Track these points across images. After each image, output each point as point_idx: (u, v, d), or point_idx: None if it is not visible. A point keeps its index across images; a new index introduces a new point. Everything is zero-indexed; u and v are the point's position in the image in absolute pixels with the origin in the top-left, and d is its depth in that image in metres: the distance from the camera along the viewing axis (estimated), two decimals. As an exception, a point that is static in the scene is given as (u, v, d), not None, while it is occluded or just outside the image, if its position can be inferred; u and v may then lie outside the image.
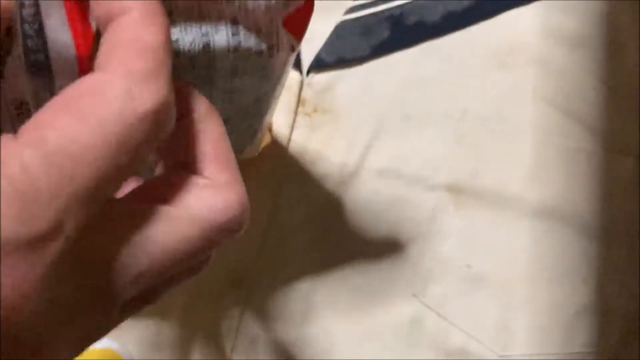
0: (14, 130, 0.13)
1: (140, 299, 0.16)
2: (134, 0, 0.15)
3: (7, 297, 0.12)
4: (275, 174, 0.34)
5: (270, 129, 0.32)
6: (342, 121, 0.34)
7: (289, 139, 0.33)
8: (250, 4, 0.17)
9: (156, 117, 0.14)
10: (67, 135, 0.13)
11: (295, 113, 0.33)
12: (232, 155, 0.17)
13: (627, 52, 0.34)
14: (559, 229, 0.33)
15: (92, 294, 0.14)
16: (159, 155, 0.17)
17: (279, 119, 0.33)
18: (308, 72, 0.33)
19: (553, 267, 0.33)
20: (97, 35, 0.16)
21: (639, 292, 0.34)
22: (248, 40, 0.18)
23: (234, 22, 0.18)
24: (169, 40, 0.15)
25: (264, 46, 0.19)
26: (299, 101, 0.33)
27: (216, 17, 0.17)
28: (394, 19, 0.33)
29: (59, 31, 0.15)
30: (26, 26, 0.15)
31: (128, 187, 0.16)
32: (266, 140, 0.32)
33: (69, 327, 0.13)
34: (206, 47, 0.18)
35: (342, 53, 0.33)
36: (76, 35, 0.16)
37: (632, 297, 0.34)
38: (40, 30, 0.15)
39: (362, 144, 0.33)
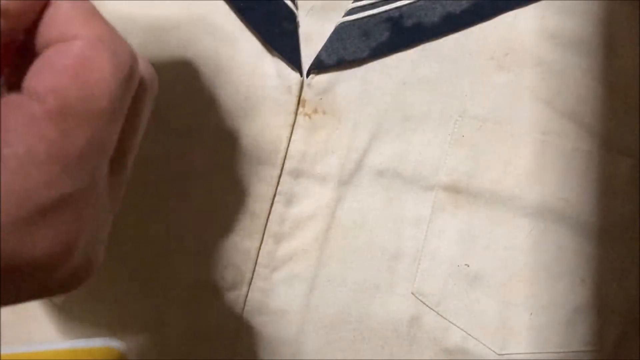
0: None
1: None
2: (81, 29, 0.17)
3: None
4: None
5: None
6: (342, 122, 0.34)
7: (289, 140, 0.34)
8: None
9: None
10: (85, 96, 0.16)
11: (295, 114, 0.34)
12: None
13: (626, 53, 0.34)
14: (557, 228, 0.33)
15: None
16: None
17: (279, 120, 0.34)
18: (308, 73, 0.34)
19: (551, 266, 0.33)
20: None
21: (637, 291, 0.34)
22: None
23: None
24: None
25: None
26: (299, 102, 0.34)
27: None
28: (393, 20, 0.33)
29: None
30: None
31: None
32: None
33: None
34: None
35: (342, 54, 0.33)
36: None
37: (630, 296, 0.34)
38: None
39: (361, 144, 0.34)
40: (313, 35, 0.34)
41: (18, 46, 0.17)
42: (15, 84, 0.17)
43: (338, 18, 0.34)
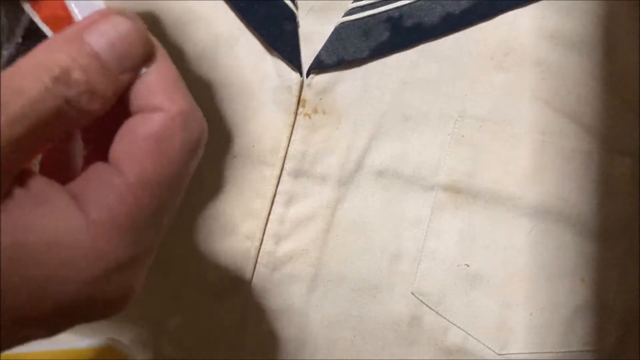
0: None
1: None
2: (169, 103, 0.18)
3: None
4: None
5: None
6: (342, 122, 0.34)
7: (289, 140, 0.34)
8: None
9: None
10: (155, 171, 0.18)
11: (296, 114, 0.34)
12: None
13: (626, 53, 0.34)
14: (557, 228, 0.33)
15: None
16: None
17: (279, 120, 0.34)
18: (308, 73, 0.34)
19: (551, 266, 0.33)
20: None
21: (637, 290, 0.34)
22: None
23: None
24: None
25: None
26: (299, 102, 0.34)
27: None
28: (393, 20, 0.33)
29: None
30: None
31: None
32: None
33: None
34: None
35: (342, 54, 0.33)
36: None
37: (630, 296, 0.34)
38: None
39: (361, 144, 0.34)
40: (313, 35, 0.34)
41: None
42: (98, 139, 0.20)
43: (338, 18, 0.34)
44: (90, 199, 0.18)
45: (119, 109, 0.19)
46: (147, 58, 0.19)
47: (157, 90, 0.19)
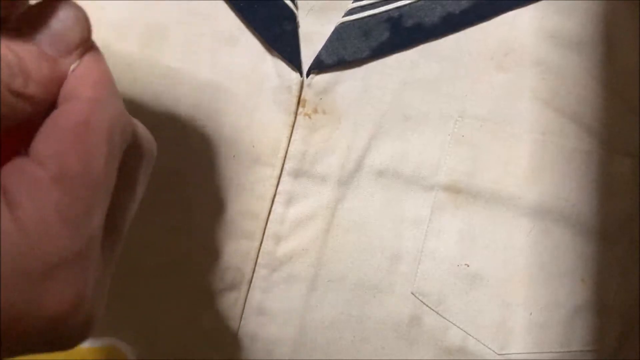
0: None
1: None
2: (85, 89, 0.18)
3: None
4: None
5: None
6: (342, 122, 0.34)
7: (289, 140, 0.34)
8: None
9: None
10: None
11: (296, 114, 0.34)
12: None
13: (626, 53, 0.34)
14: (557, 228, 0.33)
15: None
16: None
17: (279, 120, 0.34)
18: (308, 73, 0.34)
19: (551, 266, 0.33)
20: None
21: (637, 290, 0.34)
22: None
23: None
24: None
25: None
26: (299, 102, 0.34)
27: None
28: (393, 20, 0.33)
29: None
30: None
31: None
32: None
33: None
34: None
35: (342, 54, 0.33)
36: None
37: (630, 296, 0.34)
38: None
39: (361, 144, 0.34)
40: (313, 35, 0.34)
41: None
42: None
43: (338, 18, 0.34)
44: (16, 195, 0.17)
45: None
46: (85, 42, 0.19)
47: (81, 80, 0.18)
